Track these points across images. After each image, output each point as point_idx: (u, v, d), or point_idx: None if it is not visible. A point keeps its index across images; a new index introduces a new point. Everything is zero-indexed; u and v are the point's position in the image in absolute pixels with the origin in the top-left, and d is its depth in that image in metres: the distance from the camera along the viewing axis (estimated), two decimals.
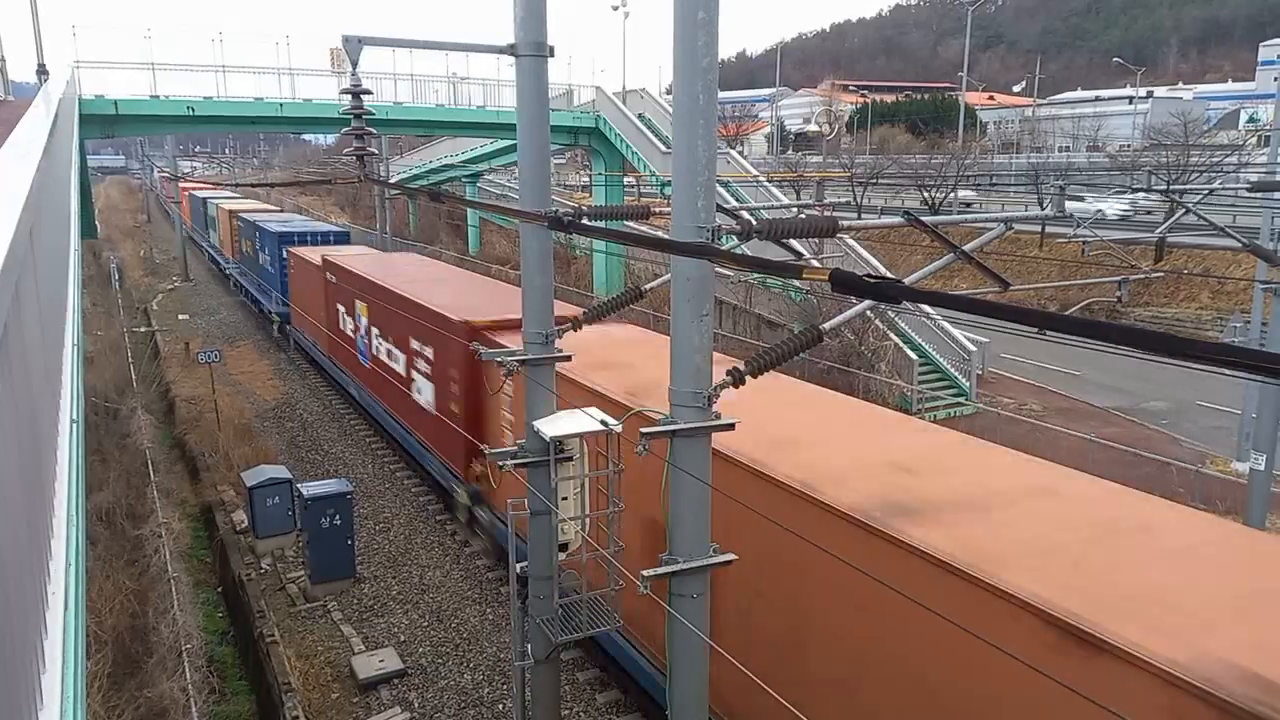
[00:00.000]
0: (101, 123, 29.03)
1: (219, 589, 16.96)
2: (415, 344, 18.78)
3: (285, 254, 31.39)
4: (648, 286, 9.54)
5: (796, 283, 27.02)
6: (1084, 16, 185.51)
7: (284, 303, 31.94)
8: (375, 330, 21.76)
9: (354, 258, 26.80)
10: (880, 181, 52.72)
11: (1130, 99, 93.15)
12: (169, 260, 57.44)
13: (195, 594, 16.18)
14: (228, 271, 46.37)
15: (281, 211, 47.70)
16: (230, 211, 44.43)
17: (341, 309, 24.58)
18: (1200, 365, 2.32)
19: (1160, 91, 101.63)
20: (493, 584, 15.93)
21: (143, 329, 37.00)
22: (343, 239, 35.16)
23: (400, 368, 20.02)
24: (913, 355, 25.45)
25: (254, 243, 37.99)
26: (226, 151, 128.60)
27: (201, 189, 58.41)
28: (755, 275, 29.07)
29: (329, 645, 14.21)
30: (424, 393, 18.60)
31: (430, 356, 18.03)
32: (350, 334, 23.92)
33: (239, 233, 42.10)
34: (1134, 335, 2.46)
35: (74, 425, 5.48)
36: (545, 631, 9.23)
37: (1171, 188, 12.79)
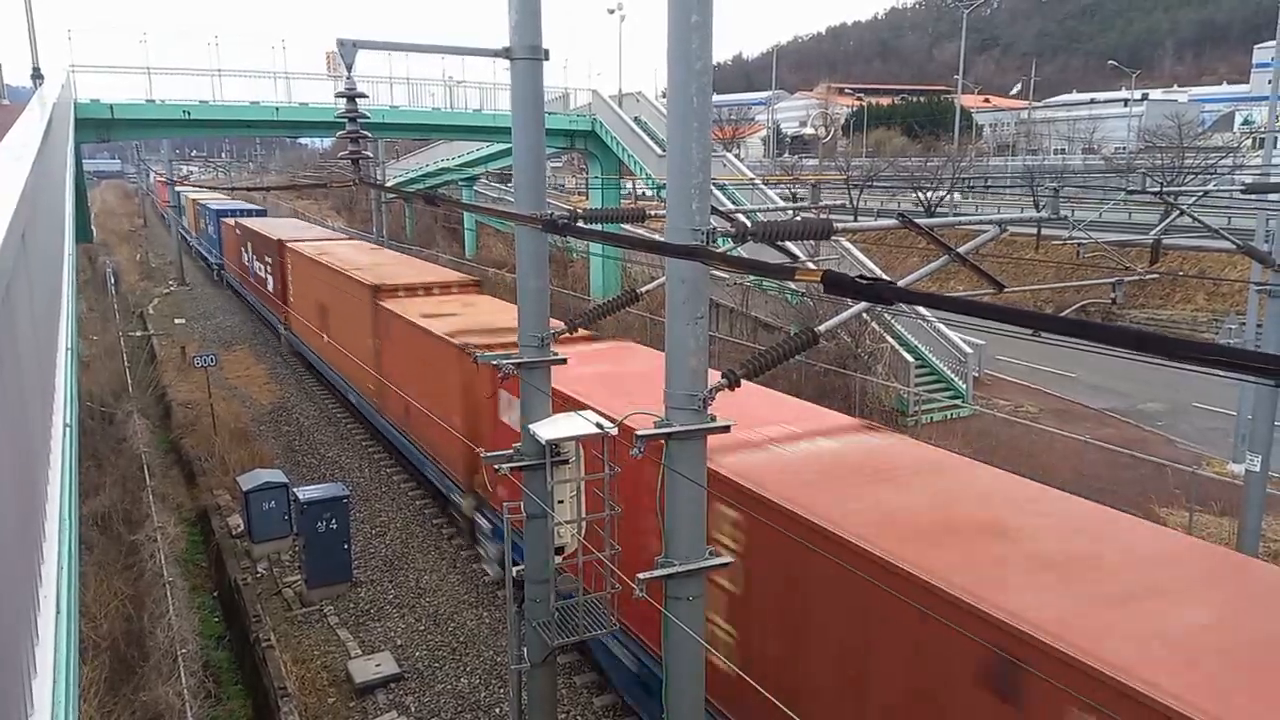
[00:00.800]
0: (97, 127, 28.99)
1: (215, 594, 16.92)
2: (269, 260, 34.38)
3: (220, 224, 47.48)
4: (643, 289, 9.54)
5: (793, 285, 27.04)
6: (1079, 19, 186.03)
7: (219, 257, 49.05)
8: (255, 260, 38.23)
9: (253, 221, 43.78)
10: (876, 184, 52.81)
11: (1125, 101, 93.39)
12: (165, 265, 57.33)
13: (191, 599, 16.14)
14: (193, 244, 61.08)
15: (255, 206, 57.24)
16: (193, 199, 60.95)
17: (242, 250, 41.19)
18: (1190, 365, 2.32)
19: (1155, 94, 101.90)
20: (489, 588, 15.90)
21: (139, 333, 36.93)
22: (260, 214, 50.56)
23: (263, 274, 36.15)
24: (909, 358, 25.46)
25: (205, 220, 54.14)
26: (223, 155, 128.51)
27: (181, 185, 66.90)
28: (751, 278, 29.11)
29: (325, 649, 14.18)
30: (268, 283, 35.15)
31: (269, 262, 34.32)
32: (245, 264, 40.80)
33: (198, 214, 58.41)
34: (1125, 335, 2.46)
35: (68, 429, 5.46)
36: (542, 635, 9.21)
37: (1165, 190, 12.83)
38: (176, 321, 40.01)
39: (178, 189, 64.00)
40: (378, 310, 21.09)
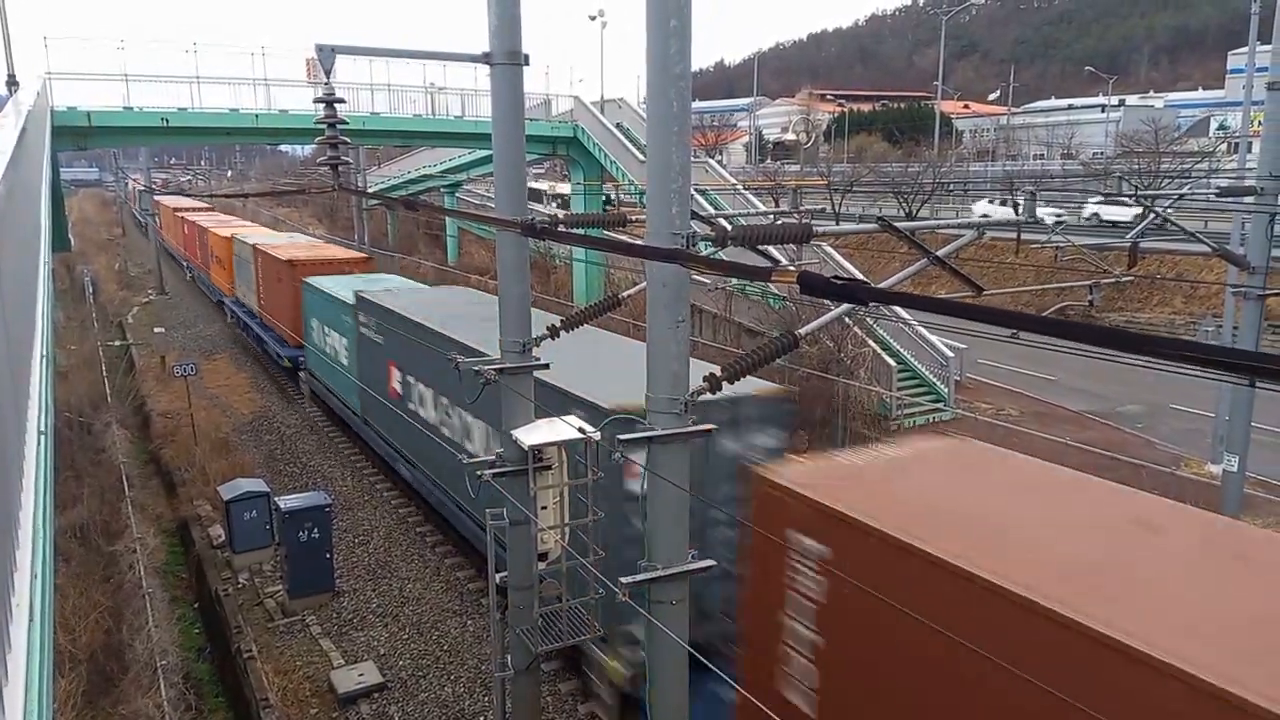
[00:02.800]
0: (74, 135, 28.69)
1: (195, 605, 16.76)
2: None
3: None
4: (625, 294, 9.55)
5: (774, 290, 27.12)
6: (1056, 26, 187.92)
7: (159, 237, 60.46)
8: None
9: (176, 200, 65.16)
10: (857, 189, 53.11)
11: (1103, 107, 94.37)
12: (144, 274, 56.88)
13: (171, 610, 15.99)
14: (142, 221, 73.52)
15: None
16: (139, 189, 73.51)
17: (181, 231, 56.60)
18: (1162, 362, 2.34)
19: (1132, 99, 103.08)
20: (474, 596, 15.83)
21: (117, 343, 36.59)
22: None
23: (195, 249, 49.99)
24: (891, 362, 25.57)
25: (149, 207, 63.76)
26: (202, 163, 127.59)
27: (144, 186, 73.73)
28: (735, 284, 29.19)
29: (308, 660, 14.07)
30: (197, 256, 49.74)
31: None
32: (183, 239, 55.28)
33: (140, 200, 71.56)
34: (1100, 334, 2.48)
35: (42, 437, 5.40)
36: (525, 641, 9.18)
37: (1140, 193, 12.97)
38: (156, 330, 39.69)
39: (139, 189, 67.94)
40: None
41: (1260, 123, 15.19)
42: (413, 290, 24.53)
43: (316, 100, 8.52)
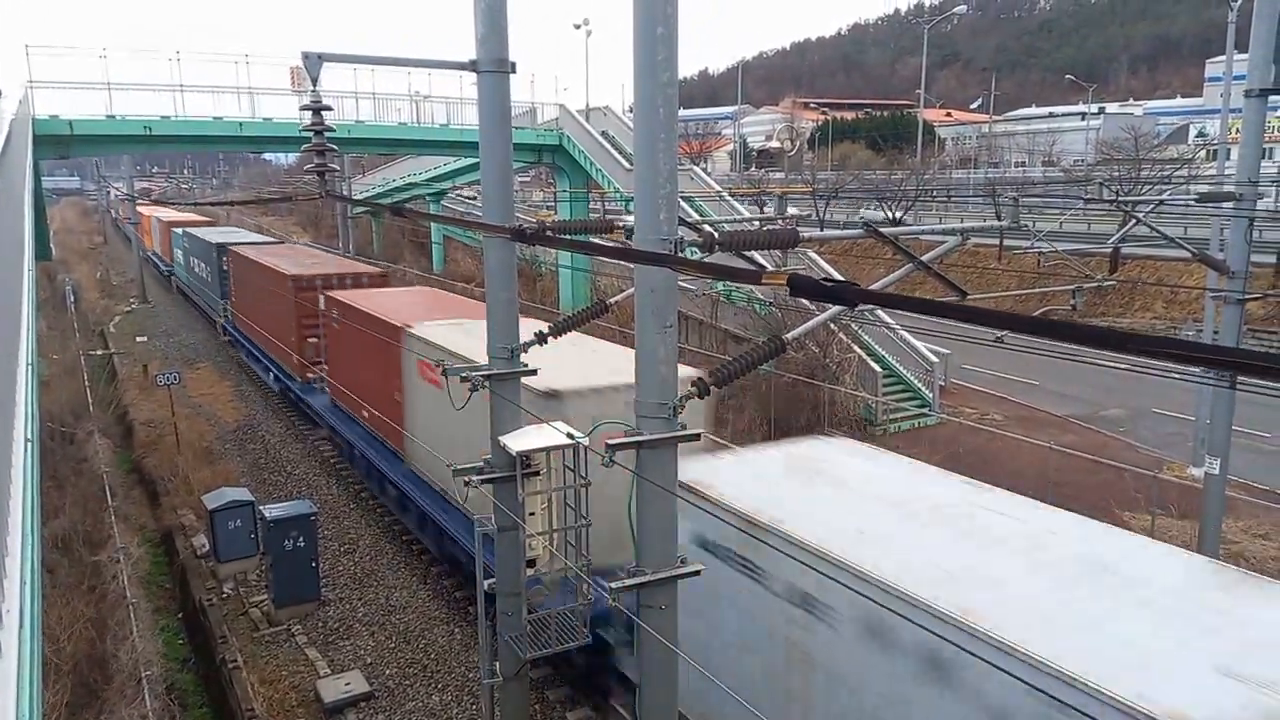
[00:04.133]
0: (56, 144, 28.51)
1: (180, 615, 16.63)
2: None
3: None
4: (613, 300, 9.58)
5: (760, 296, 27.22)
6: (1037, 35, 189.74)
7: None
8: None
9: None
10: (842, 195, 53.43)
11: (1083, 115, 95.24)
12: (126, 282, 56.47)
13: (155, 620, 15.86)
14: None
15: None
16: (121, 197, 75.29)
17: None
18: (1148, 360, 2.39)
19: (1112, 107, 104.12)
20: (460, 603, 15.79)
21: (99, 352, 36.30)
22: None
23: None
24: (876, 367, 25.70)
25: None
26: (185, 172, 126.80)
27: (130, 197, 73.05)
28: (721, 290, 29.27)
29: (294, 669, 13.98)
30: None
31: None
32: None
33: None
34: (1084, 333, 2.53)
35: (29, 444, 5.37)
36: (514, 648, 9.17)
37: (1120, 199, 13.11)
38: (138, 339, 39.40)
39: (114, 193, 68.41)
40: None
41: (1238, 130, 15.40)
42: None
43: (303, 107, 8.52)
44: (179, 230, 49.48)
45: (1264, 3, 13.07)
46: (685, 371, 7.87)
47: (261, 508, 16.09)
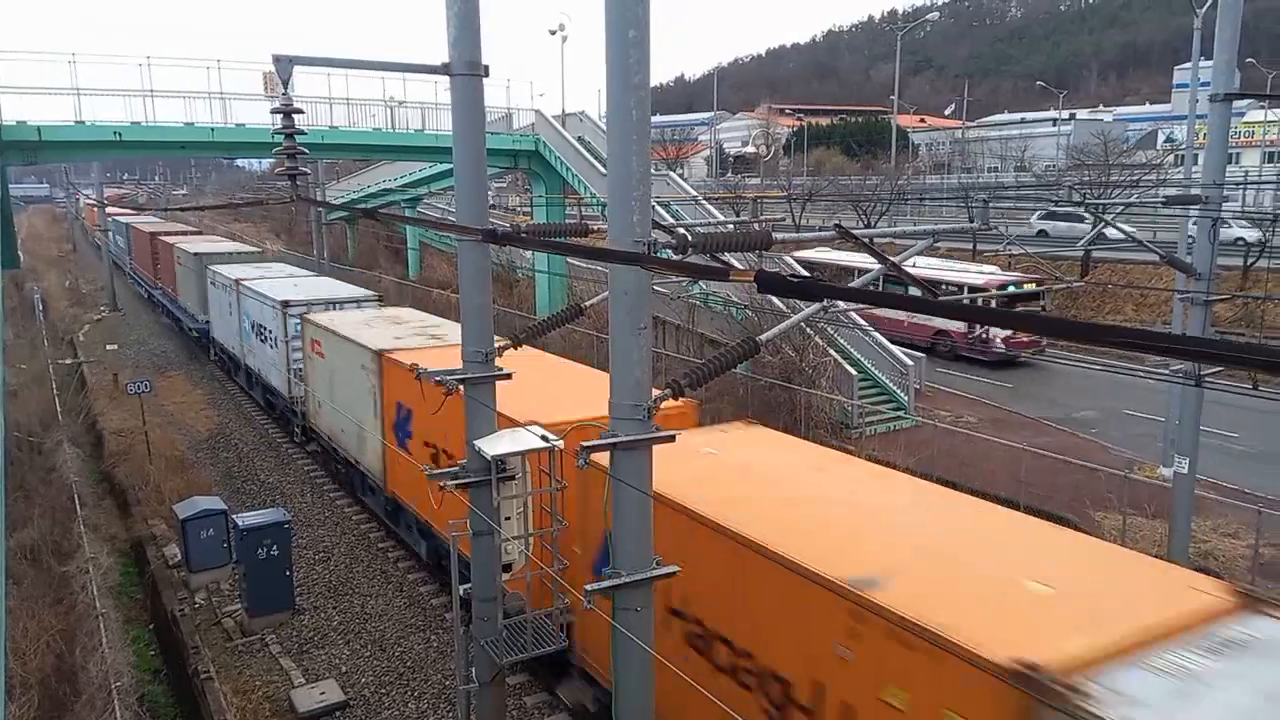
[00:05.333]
0: (23, 150, 28.07)
1: (151, 626, 16.40)
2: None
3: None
4: (588, 304, 9.58)
5: (736, 300, 27.29)
6: (1008, 42, 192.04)
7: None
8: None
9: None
10: (817, 198, 53.76)
11: (1054, 121, 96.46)
12: (96, 290, 55.71)
13: (126, 631, 15.61)
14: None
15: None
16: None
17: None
18: (1107, 346, 2.42)
19: (1082, 114, 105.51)
20: (437, 610, 15.68)
21: (68, 361, 35.77)
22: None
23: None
24: (852, 371, 25.83)
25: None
26: (156, 178, 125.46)
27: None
28: (697, 295, 29.32)
29: (268, 679, 13.81)
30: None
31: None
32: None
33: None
34: (1056, 326, 2.56)
35: None
36: (490, 653, 9.12)
37: (1088, 202, 13.28)
38: (108, 347, 38.88)
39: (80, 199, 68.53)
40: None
41: (1205, 134, 15.65)
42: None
43: (274, 111, 8.46)
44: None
45: (1227, 10, 13.31)
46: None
47: (234, 516, 15.90)
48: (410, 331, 19.91)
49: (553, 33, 54.18)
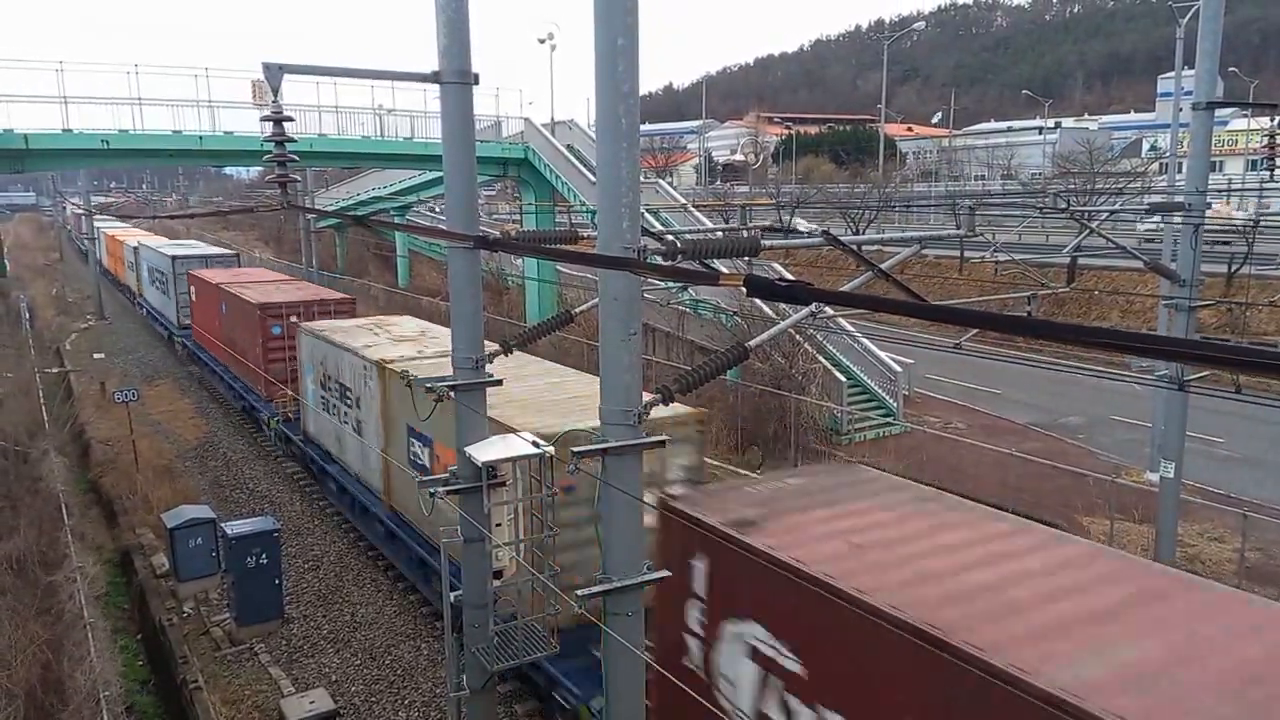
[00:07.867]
0: (10, 158, 27.96)
1: (139, 636, 16.30)
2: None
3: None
4: (578, 310, 9.61)
5: (725, 307, 27.37)
6: (994, 52, 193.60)
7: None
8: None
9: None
10: (805, 206, 53.97)
11: (1040, 129, 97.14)
12: (83, 299, 55.41)
13: (113, 641, 15.52)
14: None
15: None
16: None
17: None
18: (1082, 347, 2.47)
19: (1068, 122, 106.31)
20: (427, 618, 15.64)
21: (55, 369, 35.56)
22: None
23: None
24: (841, 377, 25.93)
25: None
26: (144, 187, 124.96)
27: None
28: (687, 302, 29.37)
29: (257, 689, 13.76)
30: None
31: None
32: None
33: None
34: (1043, 328, 2.61)
35: None
36: (481, 660, 9.11)
37: (1074, 208, 13.40)
38: (95, 356, 38.66)
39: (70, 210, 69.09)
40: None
41: (1189, 142, 15.81)
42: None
43: (264, 118, 8.47)
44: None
45: (1208, 20, 13.48)
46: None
47: (223, 525, 15.84)
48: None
49: (542, 41, 54.37)
